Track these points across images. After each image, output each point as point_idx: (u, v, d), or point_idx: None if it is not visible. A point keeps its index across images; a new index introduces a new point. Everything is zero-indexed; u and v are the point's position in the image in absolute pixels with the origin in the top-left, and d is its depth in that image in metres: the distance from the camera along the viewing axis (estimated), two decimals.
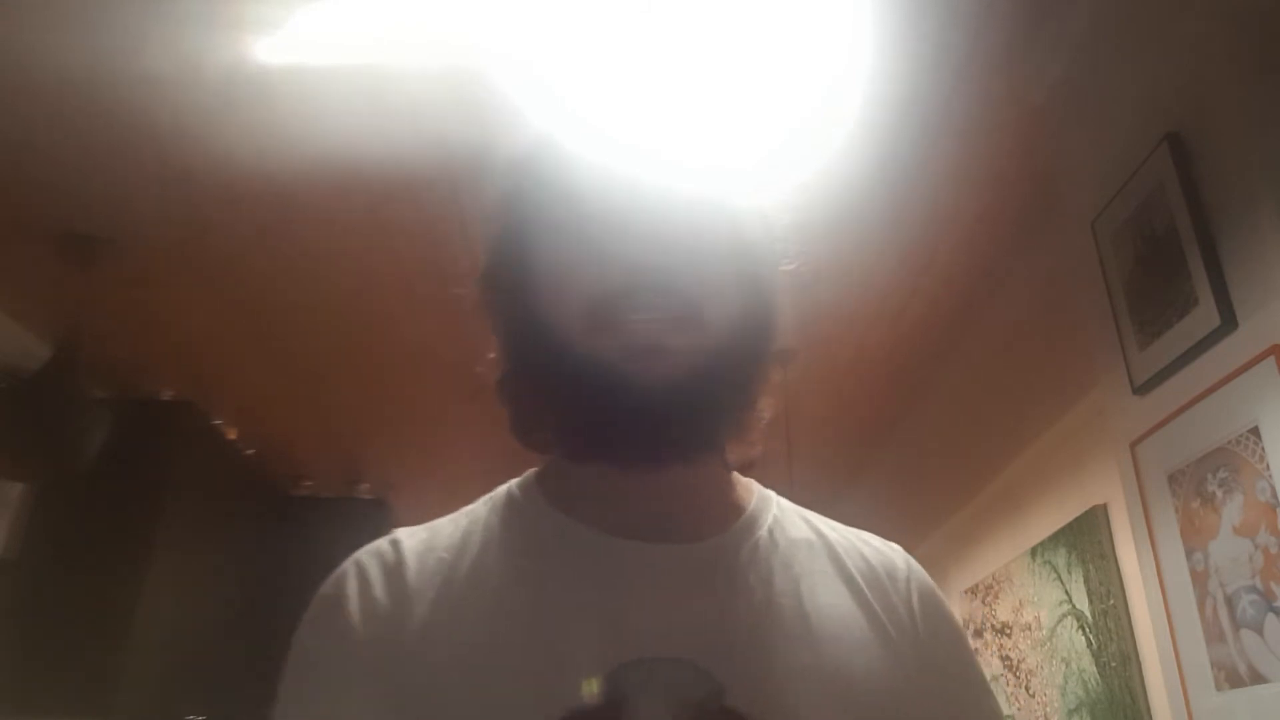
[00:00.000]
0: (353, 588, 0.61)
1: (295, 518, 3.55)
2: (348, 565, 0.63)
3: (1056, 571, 2.23)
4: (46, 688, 2.36)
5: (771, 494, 0.71)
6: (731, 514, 0.66)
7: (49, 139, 1.90)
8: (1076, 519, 2.13)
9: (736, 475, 0.70)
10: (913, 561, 0.69)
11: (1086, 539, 2.09)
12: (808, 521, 0.70)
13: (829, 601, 0.62)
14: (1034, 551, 2.36)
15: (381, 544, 0.65)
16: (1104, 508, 2.03)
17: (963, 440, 2.91)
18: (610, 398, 0.57)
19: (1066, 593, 2.17)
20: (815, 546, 0.67)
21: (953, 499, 3.01)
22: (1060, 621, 2.20)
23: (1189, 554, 1.28)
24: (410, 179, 2.00)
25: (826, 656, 0.59)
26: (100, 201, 2.10)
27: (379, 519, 3.68)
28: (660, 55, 1.65)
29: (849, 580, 0.65)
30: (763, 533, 0.66)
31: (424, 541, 0.64)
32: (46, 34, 1.63)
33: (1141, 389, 1.40)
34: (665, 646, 0.55)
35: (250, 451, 3.24)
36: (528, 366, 0.64)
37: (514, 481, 0.70)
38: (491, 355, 0.67)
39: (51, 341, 2.40)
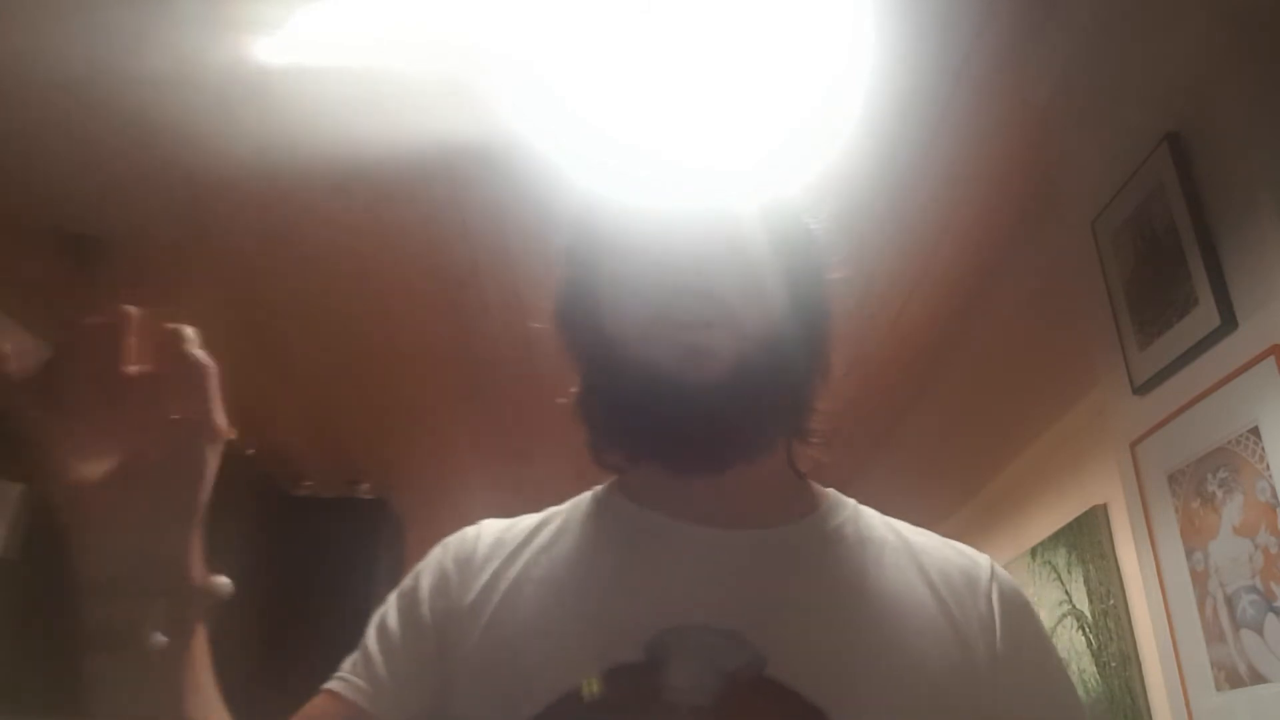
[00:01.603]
0: (431, 562, 0.70)
1: (295, 518, 3.55)
2: (437, 546, 0.73)
3: (1056, 571, 2.23)
4: (46, 687, 2.36)
5: (851, 501, 0.74)
6: (800, 510, 0.69)
7: (49, 139, 1.90)
8: (1076, 519, 2.13)
9: (809, 481, 0.73)
10: (999, 570, 0.70)
11: (1086, 539, 2.09)
12: (889, 525, 0.72)
13: (894, 590, 0.64)
14: (1034, 551, 2.36)
15: (468, 528, 0.73)
16: (1104, 508, 2.03)
17: (962, 440, 2.91)
18: (665, 402, 0.62)
19: (1066, 593, 2.17)
20: (890, 544, 0.68)
21: (952, 499, 3.01)
22: (1060, 621, 2.20)
23: (1189, 554, 1.28)
24: (410, 179, 2.00)
25: (879, 636, 0.60)
26: (100, 201, 2.10)
27: (379, 519, 3.68)
28: (660, 56, 1.65)
29: (923, 575, 0.66)
30: (832, 527, 0.68)
31: (505, 525, 0.72)
32: (46, 34, 1.63)
33: (1141, 389, 1.40)
34: (717, 618, 0.58)
35: (250, 451, 3.24)
36: (599, 379, 0.69)
37: (600, 486, 0.76)
38: (574, 389, 0.72)
39: (51, 342, 2.40)
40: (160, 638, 0.47)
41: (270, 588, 3.29)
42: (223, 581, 0.55)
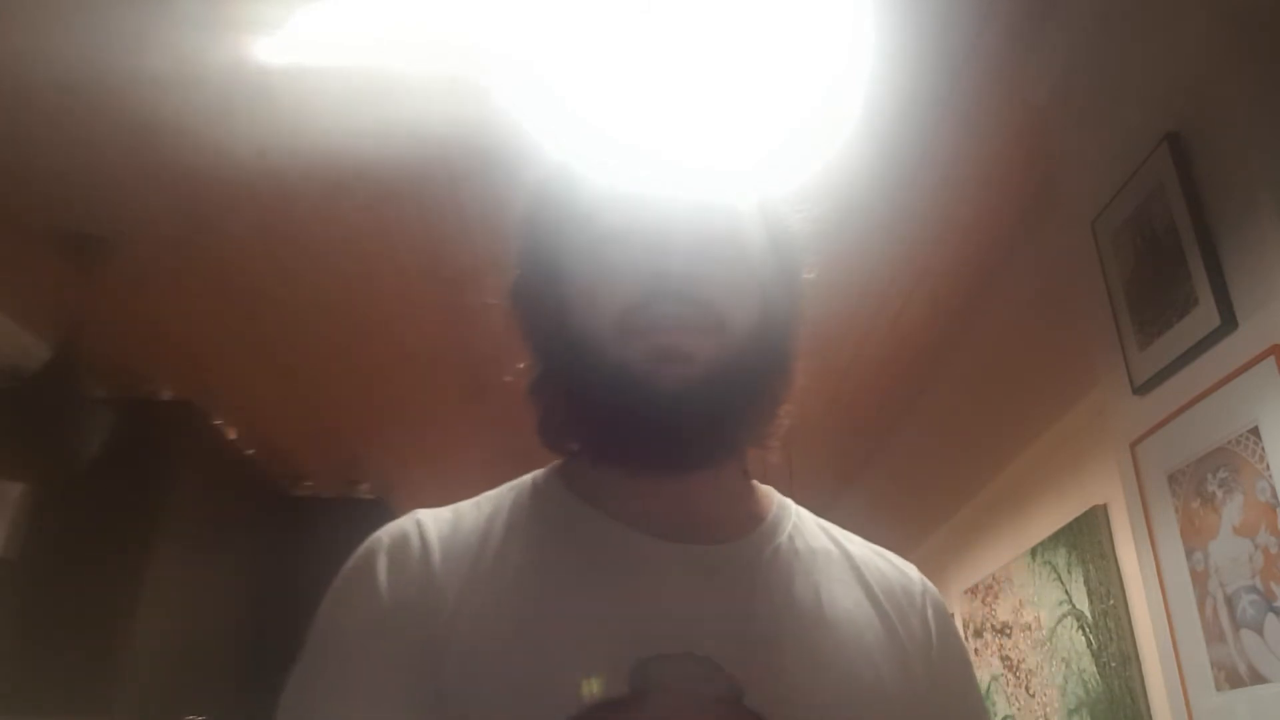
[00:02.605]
0: (381, 565, 0.61)
1: (295, 518, 3.55)
2: (373, 544, 0.64)
3: (1056, 571, 2.23)
4: (46, 688, 2.36)
5: (790, 502, 0.72)
6: (752, 519, 0.67)
7: (49, 139, 1.90)
8: (1076, 519, 2.13)
9: (755, 483, 0.71)
10: (928, 581, 0.71)
11: (1086, 539, 2.09)
12: (826, 532, 0.71)
13: (847, 608, 0.63)
14: (1034, 551, 2.36)
15: (406, 524, 0.65)
16: (1104, 508, 2.03)
17: (962, 440, 2.90)
18: (634, 404, 0.59)
19: (1066, 593, 2.17)
20: (834, 556, 0.68)
21: (952, 499, 3.01)
22: (1060, 621, 2.20)
23: (1189, 554, 1.28)
24: (410, 179, 2.00)
25: (843, 660, 0.60)
26: (100, 201, 2.10)
27: (379, 519, 3.65)
28: (659, 56, 1.65)
29: (867, 590, 0.66)
30: (783, 539, 0.67)
31: (449, 524, 0.64)
32: (46, 34, 1.63)
33: (1141, 389, 1.40)
34: (687, 644, 0.56)
35: (250, 451, 3.24)
36: (558, 373, 0.66)
37: (537, 472, 0.71)
38: (521, 365, 0.69)
39: (51, 341, 2.40)
40: None
41: (270, 588, 3.30)
42: None
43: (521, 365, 0.70)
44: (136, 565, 2.52)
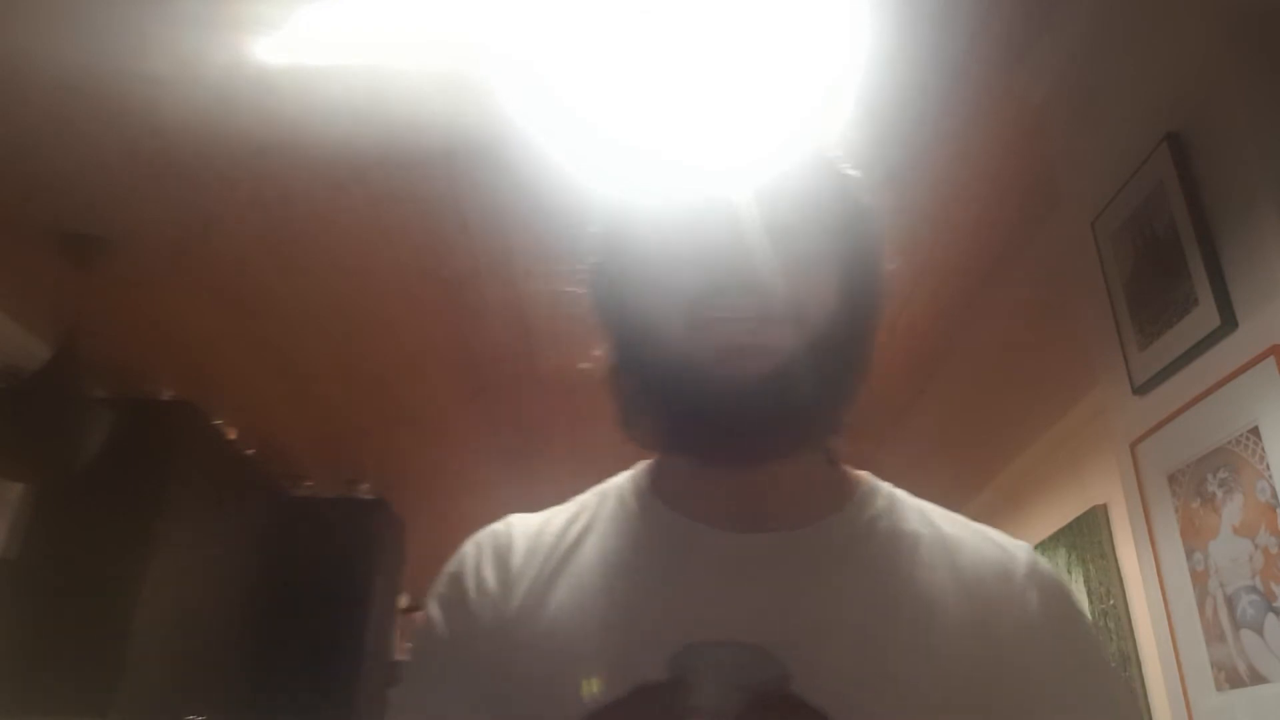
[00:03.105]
0: (470, 564, 0.66)
1: (295, 518, 3.55)
2: (467, 544, 0.69)
3: None
4: (46, 688, 2.36)
5: (885, 487, 0.71)
6: (831, 505, 0.66)
7: (49, 139, 1.90)
8: (1076, 519, 2.13)
9: (846, 469, 0.70)
10: (1040, 560, 0.66)
11: (1086, 539, 2.09)
12: (924, 515, 0.69)
13: (926, 592, 0.61)
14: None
15: (497, 525, 0.70)
16: (1104, 508, 2.03)
17: (962, 440, 2.90)
18: (702, 397, 0.59)
19: None
20: (924, 538, 0.65)
21: (952, 499, 2.99)
22: None
23: (1189, 554, 1.28)
24: (410, 179, 2.00)
25: (910, 645, 0.58)
26: (100, 201, 2.10)
27: (379, 519, 3.68)
28: (659, 56, 1.65)
29: (957, 573, 0.63)
30: (863, 522, 0.66)
31: (535, 525, 0.69)
32: (46, 34, 1.63)
33: (1141, 389, 1.40)
34: (740, 631, 0.55)
35: (250, 451, 3.24)
36: (632, 366, 0.66)
37: (626, 474, 0.72)
38: (597, 352, 0.69)
39: (51, 341, 2.40)
40: None
41: (270, 587, 3.30)
42: None
43: (597, 353, 0.69)
44: (136, 565, 2.52)
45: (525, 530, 0.68)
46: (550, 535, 0.67)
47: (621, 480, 0.71)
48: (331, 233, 2.21)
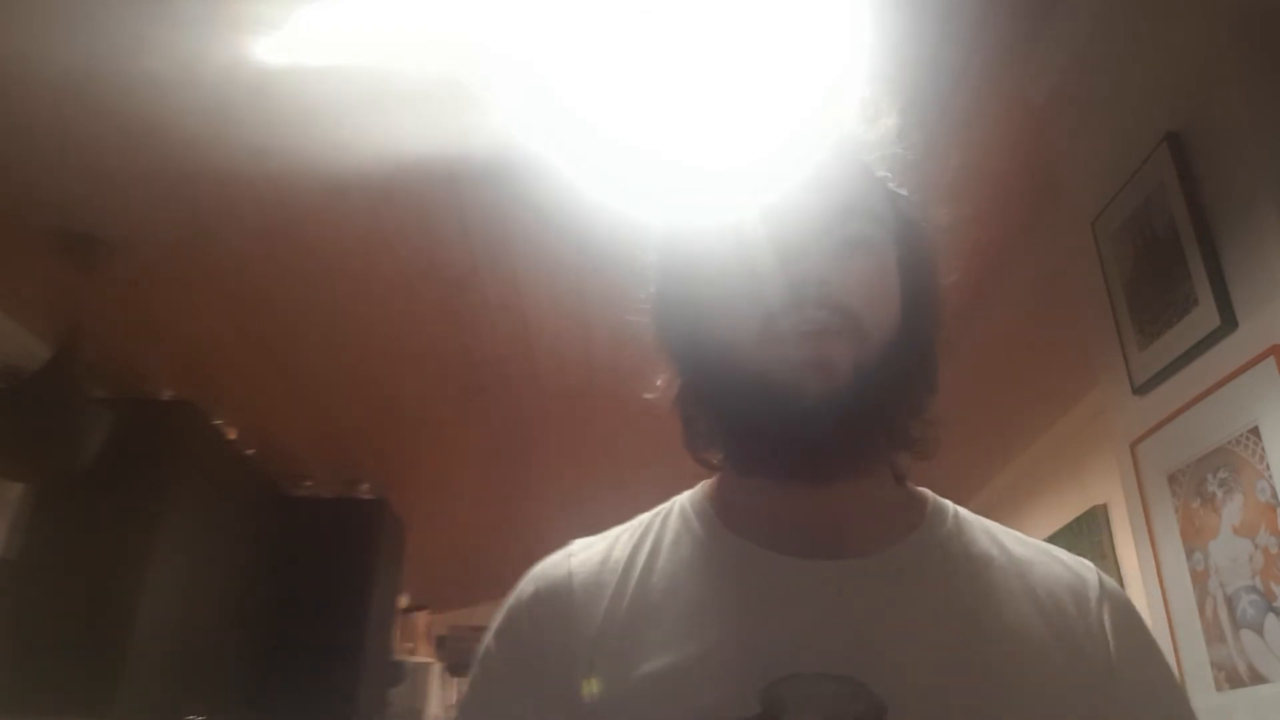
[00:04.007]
0: (527, 598, 0.65)
1: (295, 518, 3.55)
2: (527, 577, 0.67)
3: None
4: (46, 688, 2.36)
5: (949, 505, 0.70)
6: (903, 527, 0.66)
7: (49, 139, 1.90)
8: (1076, 519, 2.13)
9: (911, 486, 0.70)
10: (1106, 579, 0.66)
11: (1086, 539, 2.09)
12: (990, 534, 0.68)
13: (1006, 616, 0.60)
14: None
15: (557, 556, 0.68)
16: (1104, 508, 2.03)
17: (962, 440, 2.90)
18: (777, 414, 0.59)
19: None
20: (994, 561, 0.65)
21: (952, 499, 3.01)
22: None
23: (1189, 554, 1.28)
24: (410, 179, 2.00)
25: (999, 671, 0.57)
26: (100, 201, 2.10)
27: (379, 519, 3.68)
28: (659, 56, 1.65)
29: (1031, 595, 0.62)
30: (934, 546, 0.65)
31: (599, 553, 0.67)
32: (46, 34, 1.63)
33: (1141, 389, 1.40)
34: (827, 662, 0.55)
35: (250, 451, 3.24)
36: (702, 384, 0.65)
37: (685, 495, 0.71)
38: (661, 380, 0.69)
39: (51, 341, 2.40)
40: None
41: (270, 587, 3.30)
42: None
43: (660, 380, 0.69)
44: (136, 565, 2.52)
45: (587, 559, 0.66)
46: (615, 564, 0.65)
47: (682, 504, 0.70)
48: (331, 233, 2.21)
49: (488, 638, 0.66)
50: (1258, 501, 1.13)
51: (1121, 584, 1.94)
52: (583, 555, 0.67)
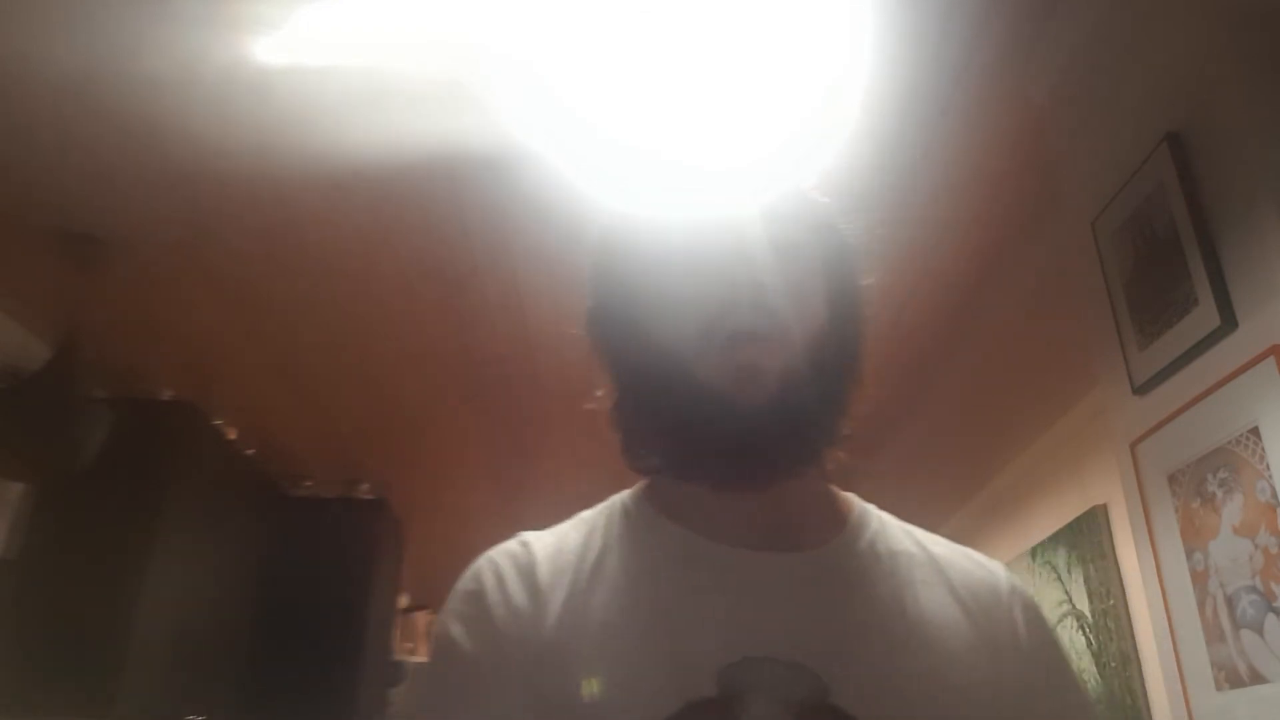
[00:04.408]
0: (490, 583, 0.65)
1: (295, 518, 3.55)
2: (483, 562, 0.67)
3: (1056, 571, 2.23)
4: (46, 688, 2.36)
5: (871, 507, 0.73)
6: (834, 526, 0.68)
7: (49, 139, 1.90)
8: (1076, 519, 2.13)
9: (835, 489, 0.72)
10: (1015, 579, 0.70)
11: (1086, 539, 2.09)
12: (910, 535, 0.71)
13: (932, 610, 0.64)
14: (1034, 551, 2.36)
15: (512, 545, 0.69)
16: (1104, 508, 2.03)
17: (962, 440, 2.91)
18: (716, 421, 0.61)
19: (1066, 593, 2.17)
20: (918, 559, 0.68)
21: (952, 499, 3.01)
22: (1060, 622, 2.20)
23: (1189, 554, 1.28)
24: (410, 179, 2.00)
25: (929, 660, 0.60)
26: (100, 201, 2.10)
27: (379, 519, 3.68)
28: (659, 56, 1.65)
29: (952, 591, 0.66)
30: (864, 543, 0.68)
31: (552, 544, 0.68)
32: (46, 34, 1.63)
33: (1141, 389, 1.40)
34: (774, 648, 0.57)
35: (250, 451, 3.24)
36: (639, 394, 0.67)
37: (625, 494, 0.73)
38: (600, 392, 0.71)
39: (51, 341, 2.40)
40: None
41: (270, 587, 3.30)
42: None
43: (600, 392, 0.71)
44: (136, 565, 2.52)
45: (544, 547, 0.67)
46: (570, 553, 0.66)
47: (624, 500, 0.72)
48: (331, 233, 2.21)
49: (448, 624, 0.65)
50: (1258, 501, 1.13)
51: (1121, 584, 1.95)
52: (538, 544, 0.68)
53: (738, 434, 0.60)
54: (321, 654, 3.28)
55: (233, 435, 3.10)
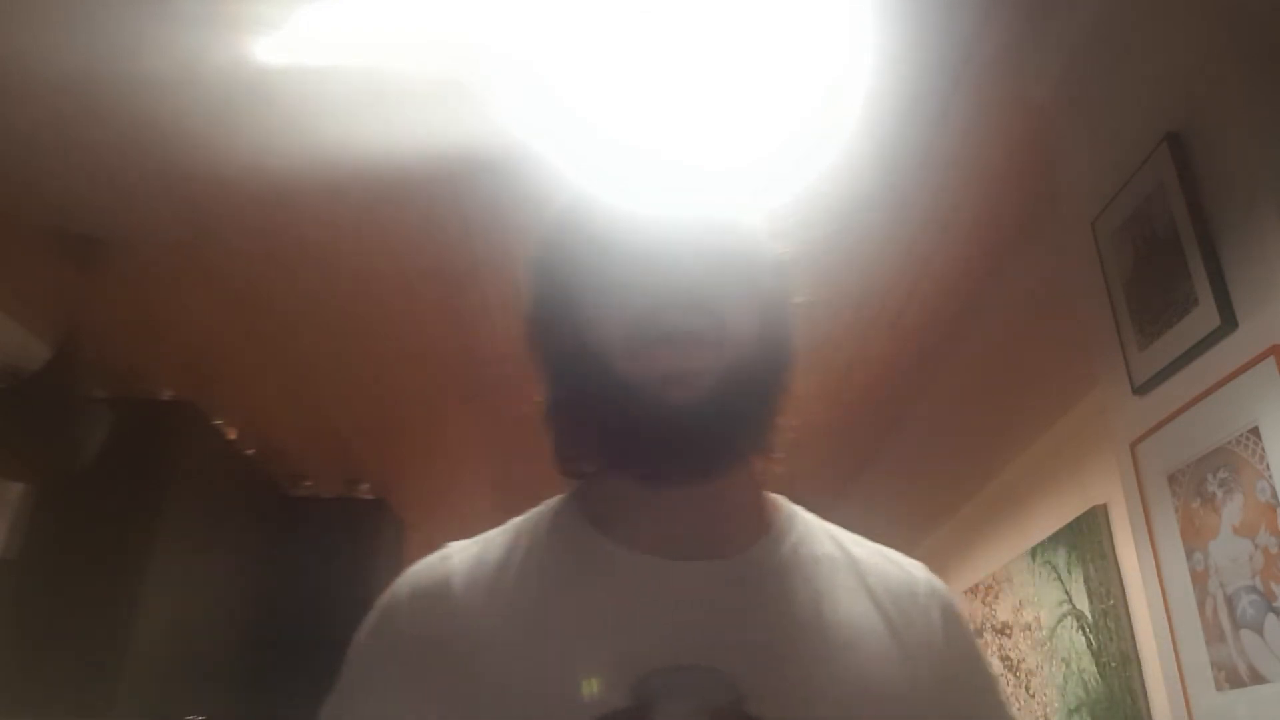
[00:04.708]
0: (406, 598, 0.67)
1: (295, 518, 3.55)
2: (405, 576, 0.69)
3: (1056, 571, 2.23)
4: (46, 688, 2.36)
5: (799, 510, 0.74)
6: (757, 531, 0.69)
7: (49, 139, 1.90)
8: (1076, 519, 2.13)
9: (765, 492, 0.73)
10: (934, 579, 0.72)
11: (1086, 539, 2.09)
12: (834, 538, 0.72)
13: (850, 614, 0.65)
14: (1034, 551, 2.36)
15: (434, 557, 0.70)
16: (1104, 508, 2.03)
17: (963, 440, 2.91)
18: (644, 420, 0.61)
19: (1066, 593, 2.17)
20: (839, 562, 0.69)
21: (953, 499, 3.01)
22: (1060, 621, 2.20)
23: (1189, 554, 1.28)
24: (410, 179, 2.00)
25: (844, 666, 0.62)
26: (100, 201, 2.10)
27: (379, 519, 3.68)
28: (660, 56, 1.65)
29: (871, 594, 0.67)
30: (787, 549, 0.69)
31: (474, 556, 0.69)
32: (46, 34, 1.63)
33: (1141, 389, 1.40)
34: (690, 656, 0.58)
35: (250, 451, 3.24)
36: (570, 395, 0.68)
37: (555, 500, 0.74)
38: (538, 398, 0.71)
39: (51, 341, 2.40)
40: None
41: (270, 588, 3.30)
42: None
43: (537, 397, 0.72)
44: (136, 565, 2.52)
45: (466, 559, 0.68)
46: (492, 564, 0.67)
47: (551, 509, 0.73)
48: (331, 233, 2.21)
49: (360, 637, 0.66)
50: (1258, 501, 1.13)
51: (1121, 584, 1.95)
52: (459, 557, 0.68)
53: (664, 433, 0.61)
54: (321, 654, 3.28)
55: (233, 435, 3.10)
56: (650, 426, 0.61)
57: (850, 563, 0.70)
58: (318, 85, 1.74)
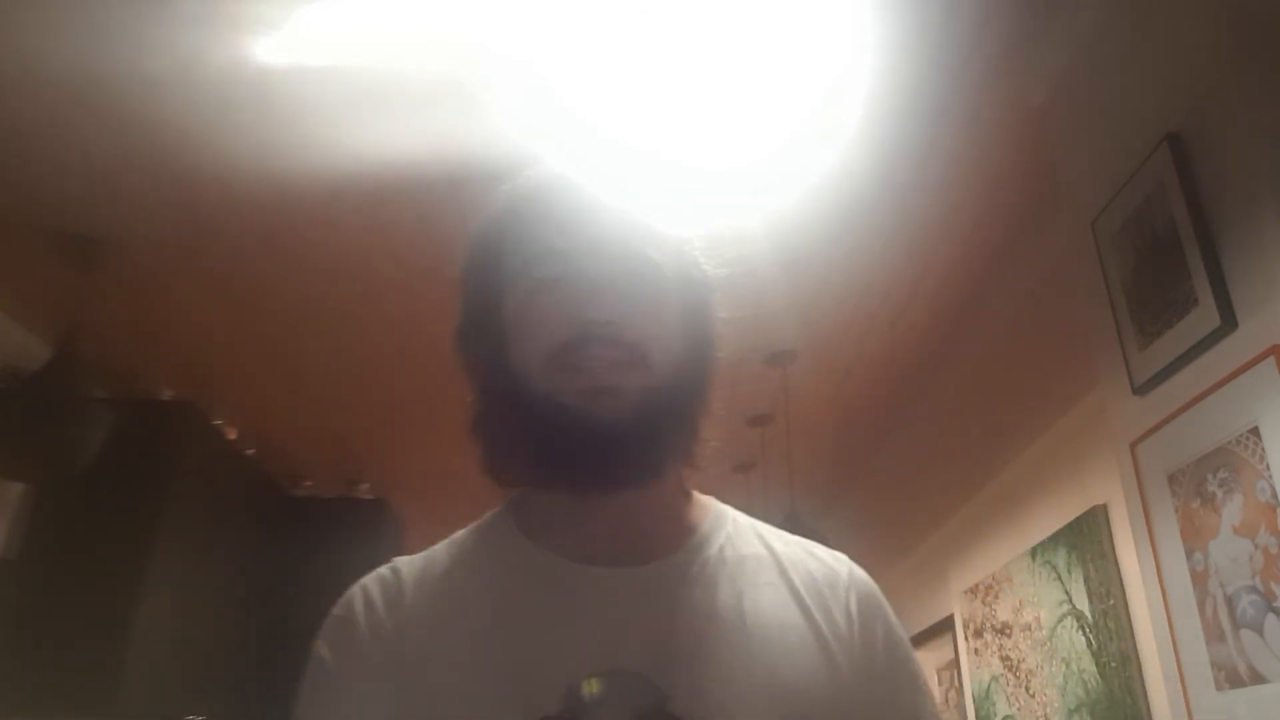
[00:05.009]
0: (359, 609, 0.69)
1: (295, 518, 3.55)
2: (355, 589, 0.71)
3: (1056, 571, 2.23)
4: (46, 688, 2.36)
5: (729, 512, 0.77)
6: (683, 535, 0.72)
7: (49, 139, 1.90)
8: (1076, 519, 2.13)
9: (696, 495, 0.76)
10: (856, 569, 0.74)
11: (1086, 539, 2.09)
12: (760, 537, 0.75)
13: (771, 612, 0.67)
14: (1034, 551, 2.36)
15: (384, 571, 0.72)
16: (1104, 508, 2.03)
17: (963, 440, 2.91)
18: (566, 433, 0.65)
19: (1066, 593, 2.17)
20: (764, 560, 0.72)
21: (953, 499, 3.01)
22: (1060, 621, 2.20)
23: (1189, 554, 1.28)
24: (411, 179, 2.00)
25: (764, 663, 0.64)
26: (100, 201, 2.10)
27: (379, 519, 3.68)
28: (660, 57, 1.65)
29: (793, 591, 0.70)
30: (712, 551, 0.71)
31: (420, 569, 0.71)
32: (47, 34, 1.63)
33: (1141, 389, 1.40)
34: (617, 661, 0.61)
35: (250, 451, 3.24)
36: (498, 407, 0.72)
37: (491, 512, 0.77)
38: (469, 401, 0.74)
39: (51, 341, 2.40)
40: None
41: (270, 588, 3.30)
42: None
43: (468, 405, 0.74)
44: (136, 565, 2.52)
45: (413, 572, 0.71)
46: (435, 577, 0.70)
47: (491, 521, 0.76)
48: (331, 233, 2.21)
49: (318, 648, 0.68)
50: (1258, 501, 1.13)
51: (1121, 584, 1.95)
52: (407, 570, 0.71)
53: (588, 445, 0.64)
54: None
55: (233, 435, 3.10)
56: (575, 438, 0.64)
57: (774, 559, 0.72)
58: (318, 85, 1.74)
